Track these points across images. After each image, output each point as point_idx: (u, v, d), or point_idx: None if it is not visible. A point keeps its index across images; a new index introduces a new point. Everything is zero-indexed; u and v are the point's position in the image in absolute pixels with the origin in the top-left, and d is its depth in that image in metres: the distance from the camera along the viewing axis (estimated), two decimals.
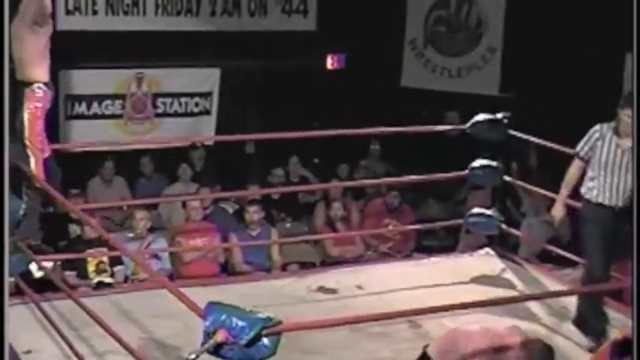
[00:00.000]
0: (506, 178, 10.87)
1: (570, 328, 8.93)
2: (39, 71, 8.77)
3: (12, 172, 9.41)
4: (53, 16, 9.55)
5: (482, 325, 6.96)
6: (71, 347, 7.83)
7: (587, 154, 8.92)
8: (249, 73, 14.91)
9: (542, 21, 14.50)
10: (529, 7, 15.13)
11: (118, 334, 7.27)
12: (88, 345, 8.01)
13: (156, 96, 15.13)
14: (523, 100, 14.16)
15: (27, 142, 8.89)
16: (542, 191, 11.20)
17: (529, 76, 14.71)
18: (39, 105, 8.89)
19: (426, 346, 7.11)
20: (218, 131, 15.15)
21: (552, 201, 9.87)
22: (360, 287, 9.93)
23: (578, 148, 8.98)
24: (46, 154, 9.06)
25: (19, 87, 8.78)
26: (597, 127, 8.98)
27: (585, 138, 8.96)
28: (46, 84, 8.88)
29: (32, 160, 8.90)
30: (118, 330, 7.35)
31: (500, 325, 6.89)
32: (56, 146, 10.21)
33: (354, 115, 12.69)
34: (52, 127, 13.82)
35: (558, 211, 9.17)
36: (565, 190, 9.15)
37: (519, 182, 11.39)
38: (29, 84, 8.79)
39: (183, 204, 13.14)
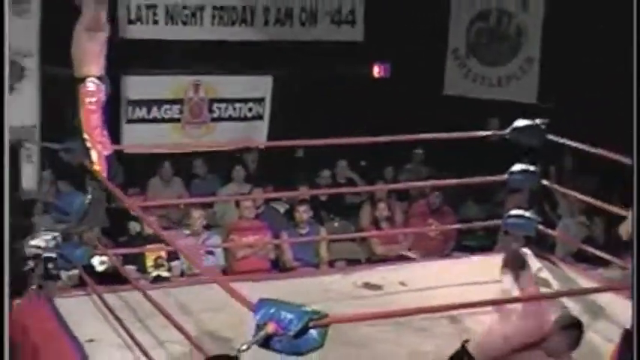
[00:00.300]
0: (544, 181, 10.83)
1: (602, 324, 8.89)
2: (92, 67, 8.87)
3: (76, 169, 9.58)
4: (115, 24, 9.66)
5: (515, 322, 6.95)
6: (132, 337, 7.86)
7: None
8: (299, 81, 14.93)
9: (578, 32, 14.44)
10: (566, 20, 15.09)
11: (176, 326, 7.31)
12: (148, 335, 8.03)
13: (212, 101, 15.20)
14: (561, 108, 14.11)
15: (85, 137, 8.96)
16: (578, 195, 11.17)
17: (566, 85, 14.66)
18: (93, 99, 8.96)
19: (465, 341, 7.10)
20: (270, 135, 15.19)
21: (587, 204, 9.83)
22: (403, 284, 9.90)
23: None
24: (107, 152, 9.12)
25: (77, 84, 8.90)
26: None
27: None
28: (99, 78, 8.97)
29: (93, 153, 8.97)
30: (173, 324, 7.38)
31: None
32: (117, 147, 10.26)
33: (399, 121, 12.68)
34: (114, 130, 14.04)
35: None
36: None
37: (556, 186, 11.34)
38: (83, 80, 8.89)
39: (237, 203, 13.19)
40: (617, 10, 13.75)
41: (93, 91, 8.93)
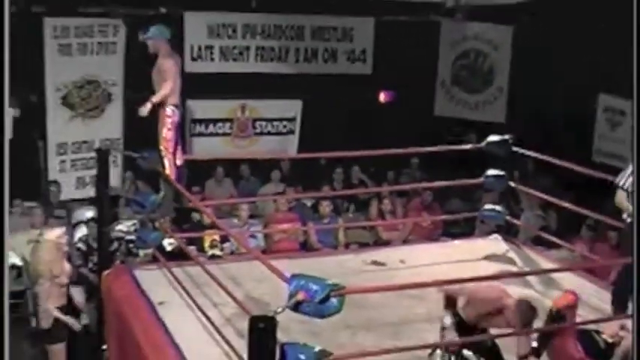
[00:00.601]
0: (511, 183, 10.81)
1: (555, 293, 8.85)
2: (170, 97, 8.99)
3: (152, 175, 9.66)
4: (182, 61, 9.72)
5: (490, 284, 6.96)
6: (193, 300, 7.88)
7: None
8: (323, 104, 14.90)
9: (537, 68, 14.43)
10: (527, 60, 15.11)
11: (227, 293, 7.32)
12: (205, 299, 8.05)
13: (255, 120, 15.20)
14: (521, 126, 14.12)
15: (162, 148, 9.05)
16: (536, 193, 11.16)
17: (528, 108, 14.65)
18: (170, 120, 9.08)
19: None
20: (300, 147, 15.19)
21: (543, 200, 9.83)
22: (402, 261, 9.88)
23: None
24: (180, 162, 9.21)
25: (159, 108, 9.01)
26: None
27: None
28: (175, 105, 9.08)
29: (166, 162, 9.06)
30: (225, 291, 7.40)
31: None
32: (185, 157, 10.30)
33: (400, 136, 12.65)
34: (182, 142, 14.07)
35: None
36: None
37: (520, 186, 11.31)
38: (163, 106, 9.00)
39: (274, 198, 13.22)
40: (568, 51, 13.82)
41: (170, 115, 9.06)
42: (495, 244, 10.62)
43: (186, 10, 14.23)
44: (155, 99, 9.06)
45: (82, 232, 11.54)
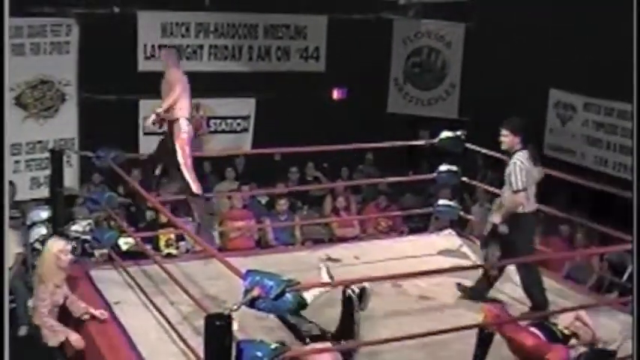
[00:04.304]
0: (464, 178, 10.88)
1: (508, 287, 8.94)
2: (182, 110, 8.90)
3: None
4: (135, 60, 9.65)
5: None
6: (149, 299, 7.87)
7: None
8: (276, 102, 14.89)
9: (488, 66, 14.52)
10: (478, 57, 15.21)
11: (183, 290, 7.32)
12: (162, 297, 8.04)
13: (209, 118, 15.16)
14: (474, 121, 14.21)
15: (182, 167, 8.97)
16: (488, 187, 11.25)
17: (479, 104, 14.74)
18: (186, 135, 9.00)
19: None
20: (254, 144, 15.18)
21: (496, 195, 9.90)
22: (356, 257, 9.93)
23: (521, 185, 8.10)
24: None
25: (171, 124, 8.93)
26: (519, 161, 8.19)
27: (522, 173, 8.13)
28: (188, 119, 9.01)
29: (189, 179, 8.97)
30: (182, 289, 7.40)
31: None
32: (135, 155, 10.27)
33: (353, 132, 12.67)
34: (133, 142, 14.04)
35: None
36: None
37: (472, 182, 11.37)
38: (176, 120, 8.91)
39: (229, 196, 13.19)
40: (519, 48, 13.92)
41: (186, 129, 9.00)
42: (449, 239, 10.70)
43: (139, 9, 14.17)
44: (160, 109, 8.98)
45: (39, 232, 11.46)
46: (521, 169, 8.11)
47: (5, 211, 3.94)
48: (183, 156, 9.11)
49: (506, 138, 8.33)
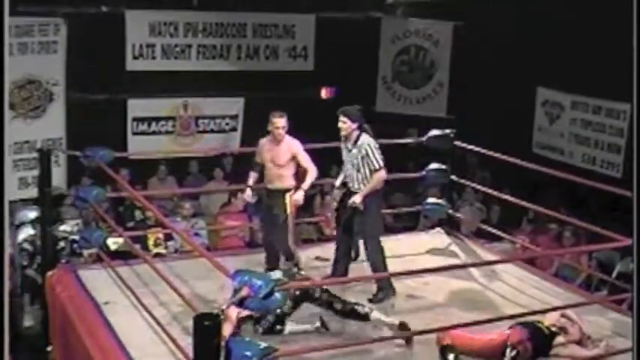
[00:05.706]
0: (452, 177, 10.87)
1: (497, 285, 8.95)
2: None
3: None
4: (124, 60, 9.58)
5: None
6: (138, 299, 7.84)
7: None
8: (265, 101, 14.87)
9: (476, 64, 14.55)
10: (466, 56, 15.23)
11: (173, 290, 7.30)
12: (151, 297, 8.02)
13: (197, 118, 15.14)
14: (462, 120, 14.21)
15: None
16: (477, 186, 11.25)
17: (467, 103, 14.75)
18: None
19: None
20: (242, 143, 15.16)
21: (485, 193, 9.91)
22: None
23: (381, 162, 8.77)
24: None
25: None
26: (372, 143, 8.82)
27: (378, 153, 8.78)
28: None
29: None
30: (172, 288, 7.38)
31: None
32: (124, 154, 10.22)
33: None
34: (123, 141, 14.03)
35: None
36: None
37: (461, 180, 11.36)
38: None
39: (229, 197, 13.18)
40: (507, 46, 13.95)
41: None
42: (438, 237, 10.69)
43: (127, 8, 14.15)
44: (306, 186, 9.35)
45: (27, 232, 11.44)
46: (375, 147, 8.82)
47: (5, 211, 3.91)
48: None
49: (345, 124, 9.10)
